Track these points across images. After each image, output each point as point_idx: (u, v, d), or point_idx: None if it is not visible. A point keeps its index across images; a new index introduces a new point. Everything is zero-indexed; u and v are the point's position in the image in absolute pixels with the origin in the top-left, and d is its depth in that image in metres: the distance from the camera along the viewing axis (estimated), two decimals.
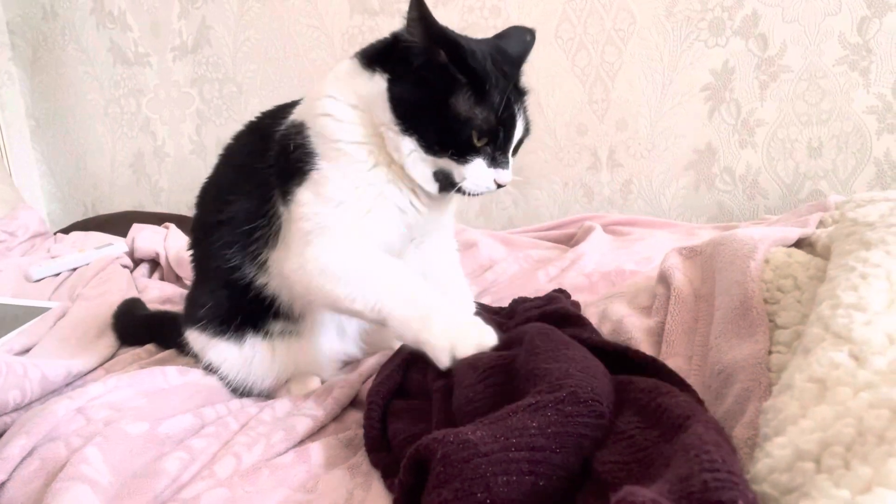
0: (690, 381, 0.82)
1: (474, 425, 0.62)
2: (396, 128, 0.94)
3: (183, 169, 2.60)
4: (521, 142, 1.02)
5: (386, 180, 0.99)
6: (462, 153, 0.94)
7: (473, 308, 1.12)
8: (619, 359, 0.79)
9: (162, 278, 1.86)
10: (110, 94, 2.64)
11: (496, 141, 0.95)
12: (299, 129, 1.00)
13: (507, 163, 0.98)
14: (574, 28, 1.96)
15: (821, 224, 0.95)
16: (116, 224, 2.26)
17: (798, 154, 1.83)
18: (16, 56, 2.77)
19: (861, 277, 0.67)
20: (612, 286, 1.34)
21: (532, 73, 1.02)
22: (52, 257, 1.95)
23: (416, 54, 0.92)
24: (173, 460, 0.80)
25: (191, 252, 1.19)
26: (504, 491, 0.55)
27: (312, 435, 0.92)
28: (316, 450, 0.85)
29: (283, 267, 0.98)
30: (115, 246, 1.98)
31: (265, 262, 1.03)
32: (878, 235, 0.74)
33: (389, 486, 0.75)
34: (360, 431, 0.86)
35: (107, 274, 1.74)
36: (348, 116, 0.97)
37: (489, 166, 0.96)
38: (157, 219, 2.21)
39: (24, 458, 0.82)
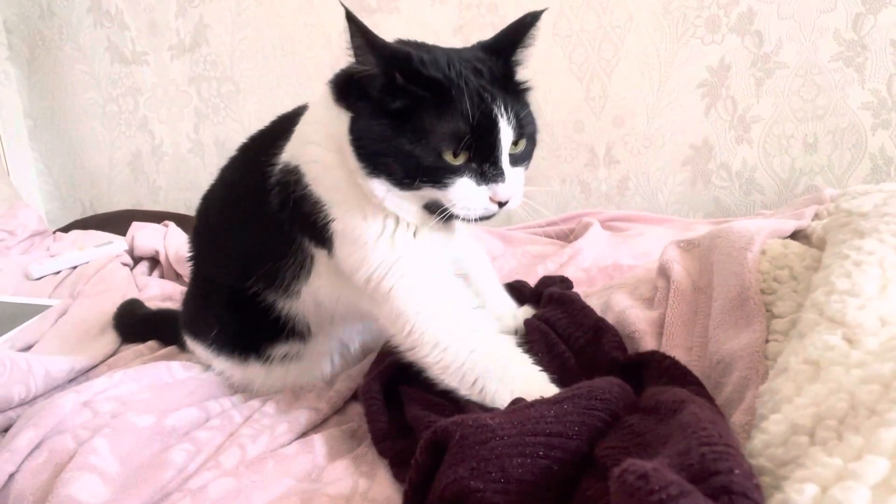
0: (692, 369, 0.83)
1: (492, 413, 0.64)
2: (362, 172, 0.84)
3: (181, 167, 2.60)
4: (525, 146, 0.88)
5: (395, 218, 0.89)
6: (438, 178, 0.82)
7: (514, 306, 1.09)
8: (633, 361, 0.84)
9: (162, 276, 1.87)
10: (108, 92, 2.64)
11: (478, 152, 0.82)
12: (295, 175, 0.92)
13: (502, 175, 0.83)
14: (571, 25, 1.97)
15: (816, 217, 0.96)
16: (115, 223, 2.27)
17: (794, 150, 1.85)
18: (13, 55, 2.77)
19: (854, 265, 0.68)
20: (611, 280, 1.35)
21: (528, 71, 0.93)
22: (52, 256, 1.95)
23: (372, 85, 0.81)
24: (180, 451, 0.81)
25: (192, 262, 1.15)
26: (518, 472, 0.56)
27: (316, 427, 0.94)
28: (320, 441, 0.86)
29: (386, 327, 0.91)
30: (115, 244, 1.98)
31: (298, 291, 0.97)
32: (872, 224, 0.75)
33: (397, 475, 0.76)
34: (364, 423, 0.88)
35: (107, 272, 1.75)
36: (333, 161, 0.89)
37: (479, 184, 0.83)
38: (156, 217, 2.22)
39: (32, 451, 0.83)
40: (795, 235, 0.96)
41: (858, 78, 1.74)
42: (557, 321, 0.98)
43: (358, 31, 0.79)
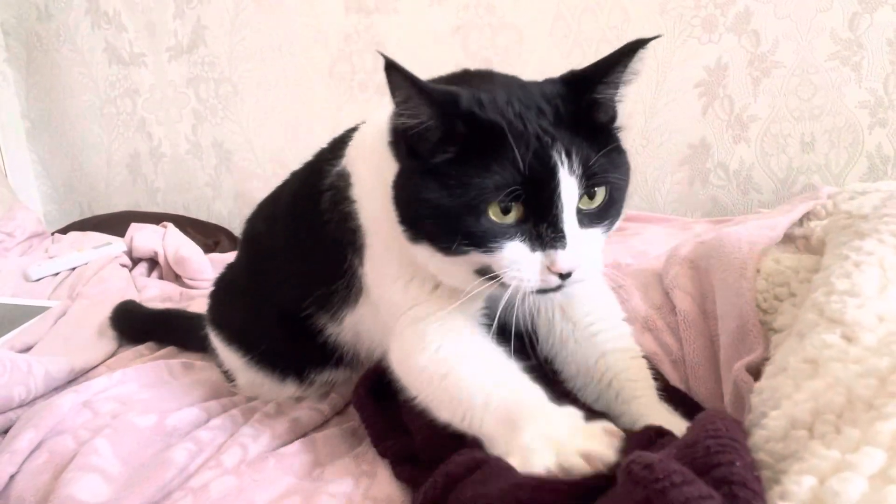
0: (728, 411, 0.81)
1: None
2: (405, 235, 0.73)
3: (179, 169, 2.60)
4: (604, 201, 0.72)
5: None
6: (483, 241, 0.68)
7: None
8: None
9: (161, 277, 1.87)
10: (106, 94, 2.64)
11: (532, 208, 0.68)
12: (345, 181, 0.84)
13: (563, 239, 0.67)
14: (568, 26, 1.97)
15: (813, 215, 0.96)
16: (114, 224, 2.27)
17: (791, 149, 1.85)
18: (10, 57, 2.77)
19: (854, 265, 0.68)
20: (611, 280, 1.34)
21: (526, 73, 0.85)
22: (51, 257, 1.95)
23: (425, 139, 0.69)
24: (181, 451, 0.81)
25: (239, 268, 1.10)
26: None
27: (317, 427, 0.94)
28: (321, 440, 0.86)
29: (390, 355, 0.82)
30: (114, 245, 1.98)
31: (343, 318, 0.90)
32: (871, 225, 0.75)
33: (398, 475, 0.76)
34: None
35: (106, 273, 1.75)
36: (376, 188, 0.78)
37: (534, 249, 0.68)
38: (155, 218, 2.22)
39: (32, 451, 0.83)
40: (792, 238, 0.95)
41: (855, 77, 1.74)
42: None
43: (405, 80, 0.67)
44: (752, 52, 1.82)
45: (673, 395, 0.83)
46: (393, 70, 0.67)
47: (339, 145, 0.91)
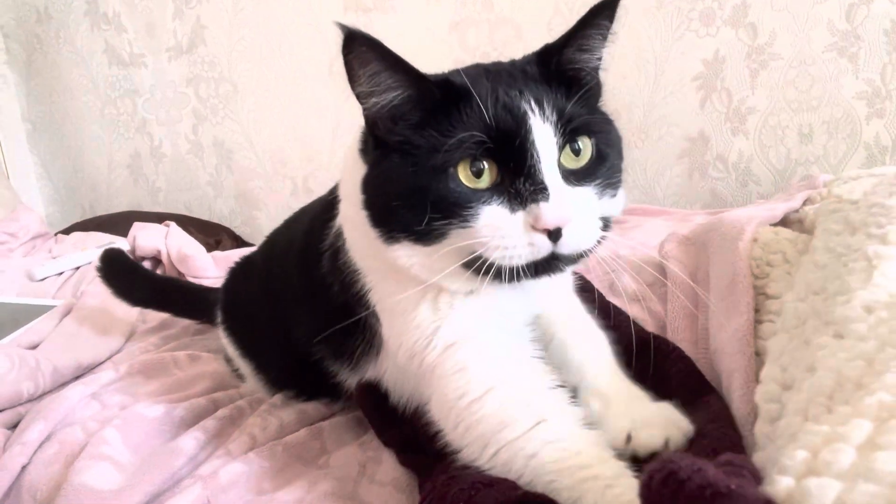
0: (700, 366, 0.84)
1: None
2: (381, 240, 0.68)
3: (180, 169, 2.61)
4: (593, 157, 0.67)
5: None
6: (456, 210, 0.62)
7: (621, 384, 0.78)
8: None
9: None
10: (106, 95, 2.65)
11: (506, 164, 0.63)
12: (339, 238, 0.79)
13: (544, 190, 0.62)
14: (566, 20, 1.97)
15: (809, 201, 0.98)
16: (116, 224, 2.28)
17: (789, 140, 1.86)
18: (10, 59, 2.78)
19: (844, 265, 0.69)
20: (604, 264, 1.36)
21: None
22: (54, 257, 1.96)
23: (398, 116, 0.66)
24: (190, 440, 0.82)
25: (255, 290, 1.04)
26: None
27: (324, 417, 0.95)
28: (328, 428, 0.87)
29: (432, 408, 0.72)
30: (117, 244, 1.99)
31: (366, 369, 0.84)
32: (861, 217, 0.76)
33: (403, 462, 0.77)
34: None
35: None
36: (361, 219, 0.72)
37: (514, 210, 0.63)
38: (157, 218, 2.22)
39: (42, 443, 0.84)
40: (789, 222, 0.98)
41: (852, 68, 1.75)
42: None
43: (374, 52, 0.62)
44: (749, 44, 1.83)
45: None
46: (360, 41, 0.62)
47: (333, 199, 0.85)
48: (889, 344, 0.50)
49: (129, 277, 1.34)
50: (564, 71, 0.69)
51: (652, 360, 0.80)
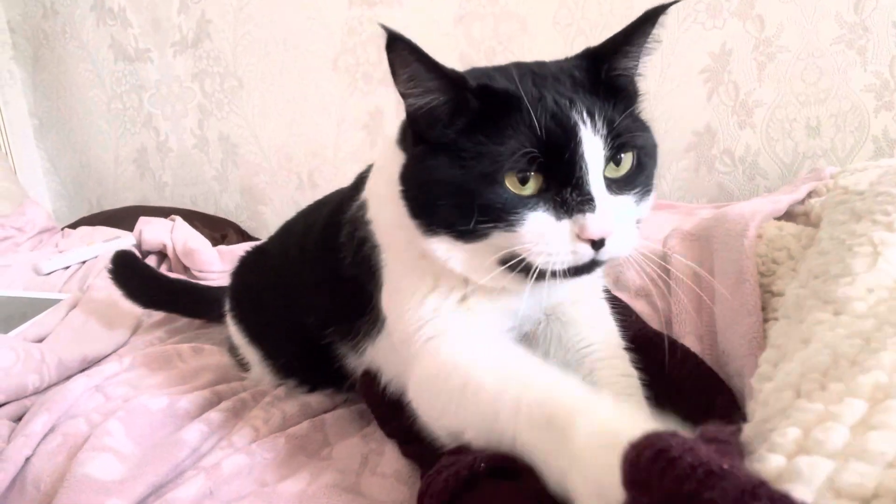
0: (705, 360, 0.84)
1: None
2: (419, 231, 0.68)
3: (186, 163, 2.62)
4: (633, 166, 0.68)
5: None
6: (503, 214, 0.63)
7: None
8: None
9: (170, 269, 1.88)
10: (112, 90, 2.66)
11: (554, 173, 0.63)
12: (363, 210, 0.80)
13: (591, 202, 0.63)
14: (572, 13, 1.97)
15: (815, 193, 0.97)
16: (122, 219, 2.28)
17: (797, 134, 1.85)
18: (17, 55, 2.79)
19: (848, 249, 0.68)
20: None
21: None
22: (61, 252, 1.97)
23: (434, 120, 0.66)
24: (193, 432, 0.82)
25: (266, 276, 1.06)
26: None
27: (326, 409, 0.95)
28: (330, 420, 0.88)
29: (408, 390, 0.73)
30: (123, 239, 2.00)
31: (364, 350, 0.85)
32: (866, 206, 0.75)
33: (405, 452, 0.77)
34: None
35: None
36: (390, 196, 0.73)
37: (559, 217, 0.63)
38: (163, 213, 2.23)
39: (46, 435, 0.85)
40: (794, 216, 0.97)
41: (860, 60, 1.74)
42: None
43: (412, 53, 0.62)
44: (756, 36, 1.82)
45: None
46: (398, 43, 0.62)
47: (361, 181, 0.86)
48: (888, 322, 0.50)
49: (139, 280, 1.35)
50: (612, 78, 0.70)
51: (665, 361, 0.79)
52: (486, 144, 0.63)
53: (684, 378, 0.78)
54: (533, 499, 0.53)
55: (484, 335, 0.72)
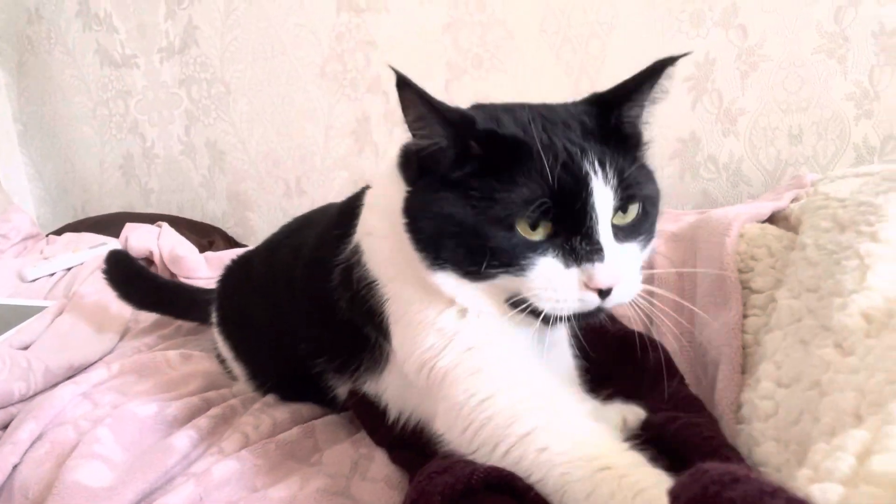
0: (683, 357, 0.87)
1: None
2: (423, 264, 0.68)
3: (172, 169, 2.61)
4: (639, 215, 0.69)
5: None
6: (512, 259, 0.64)
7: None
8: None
9: None
10: (98, 96, 2.64)
11: (564, 221, 0.64)
12: (357, 253, 0.78)
13: (600, 251, 0.64)
14: (558, 22, 1.99)
15: (796, 200, 0.99)
16: (108, 226, 2.27)
17: (779, 141, 1.87)
18: (1, 60, 2.77)
19: (836, 263, 0.70)
20: None
21: (518, 69, 0.84)
22: (46, 258, 1.96)
23: (439, 160, 0.66)
24: (183, 438, 0.82)
25: (254, 293, 1.04)
26: None
27: (316, 417, 0.95)
28: (320, 427, 0.88)
29: (443, 432, 0.70)
30: (109, 245, 1.99)
31: (363, 382, 0.84)
32: (849, 215, 0.77)
33: (393, 459, 0.78)
34: None
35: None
36: (388, 230, 0.74)
37: (568, 265, 0.64)
38: (149, 219, 2.22)
39: (33, 442, 0.84)
40: (775, 220, 0.99)
41: (841, 69, 1.76)
42: None
43: (418, 98, 0.64)
44: (739, 46, 1.84)
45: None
46: (405, 87, 0.64)
47: (348, 215, 0.84)
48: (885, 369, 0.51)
49: (134, 281, 1.35)
50: (621, 126, 0.71)
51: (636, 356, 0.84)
52: (498, 189, 0.63)
53: (649, 369, 0.82)
54: None
55: (520, 357, 0.71)
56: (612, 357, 0.86)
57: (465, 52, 2.07)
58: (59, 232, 2.38)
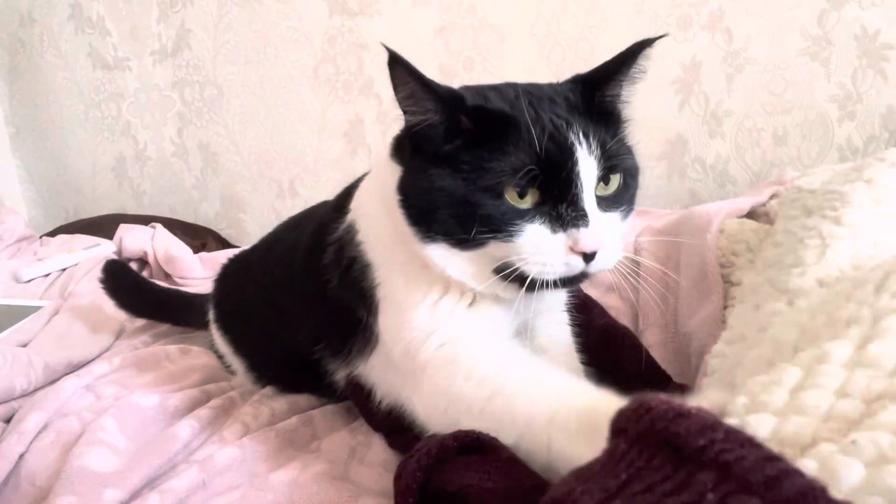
0: (668, 349, 0.90)
1: None
2: (416, 238, 0.71)
3: (165, 172, 2.62)
4: (620, 186, 0.74)
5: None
6: (502, 225, 0.67)
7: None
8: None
9: (151, 276, 1.89)
10: (90, 99, 2.65)
11: (551, 189, 0.67)
12: (351, 232, 0.82)
13: (585, 217, 0.67)
14: (549, 26, 2.02)
15: (776, 197, 1.03)
16: (101, 227, 2.28)
17: (764, 143, 1.91)
18: None
19: (800, 241, 0.73)
20: None
21: (509, 72, 0.89)
22: (40, 259, 1.97)
23: (430, 137, 0.70)
24: (185, 427, 0.84)
25: (252, 287, 1.06)
26: None
27: (314, 407, 0.97)
28: (318, 416, 0.90)
29: (423, 416, 0.74)
30: (103, 246, 2.00)
31: (355, 366, 0.86)
32: (817, 202, 0.80)
33: (391, 444, 0.80)
34: None
35: (96, 273, 1.76)
36: (382, 213, 0.77)
37: (555, 230, 0.68)
38: (142, 221, 2.23)
39: (39, 432, 0.86)
40: (756, 216, 1.03)
41: (824, 72, 1.80)
42: None
43: (409, 74, 0.66)
44: (725, 49, 1.88)
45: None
46: (396, 64, 0.66)
47: (344, 199, 0.88)
48: (831, 317, 0.54)
49: (132, 290, 1.37)
50: (604, 103, 0.76)
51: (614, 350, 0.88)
52: (487, 160, 0.67)
53: (636, 364, 0.86)
54: (503, 467, 0.59)
55: (497, 341, 0.75)
56: (594, 346, 0.89)
57: (457, 54, 2.10)
58: (52, 234, 2.38)
